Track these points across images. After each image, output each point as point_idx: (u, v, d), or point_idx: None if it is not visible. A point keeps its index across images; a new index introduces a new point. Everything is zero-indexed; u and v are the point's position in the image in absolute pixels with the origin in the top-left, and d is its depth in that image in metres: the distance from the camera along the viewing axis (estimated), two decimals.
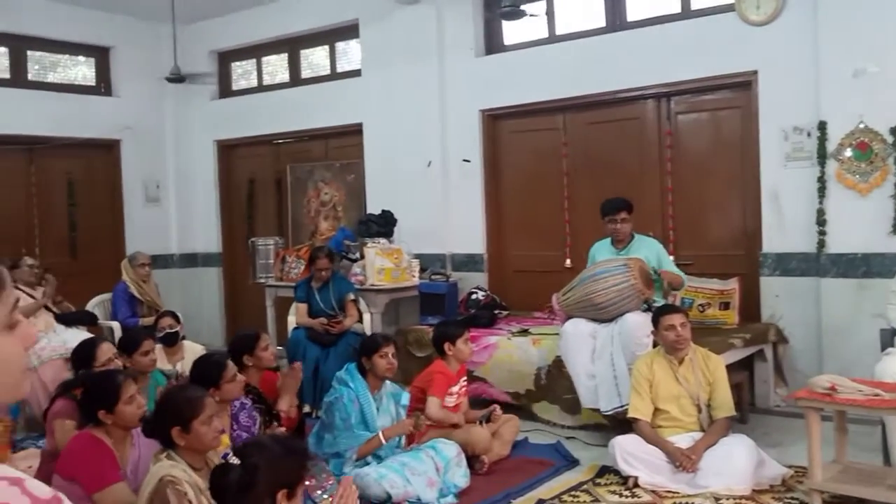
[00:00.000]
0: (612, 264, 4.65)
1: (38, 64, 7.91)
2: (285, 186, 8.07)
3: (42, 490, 0.91)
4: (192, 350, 5.14)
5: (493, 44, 6.72)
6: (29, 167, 7.67)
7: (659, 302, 4.72)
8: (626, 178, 5.96)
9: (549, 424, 5.09)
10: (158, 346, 4.81)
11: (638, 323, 4.46)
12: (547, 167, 6.48)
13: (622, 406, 4.43)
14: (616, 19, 6.13)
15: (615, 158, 6.13)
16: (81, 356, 3.87)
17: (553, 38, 6.40)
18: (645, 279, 4.54)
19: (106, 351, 3.86)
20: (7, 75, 7.63)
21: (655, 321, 4.16)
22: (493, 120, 6.70)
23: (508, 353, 5.31)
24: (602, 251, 4.98)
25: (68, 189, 7.94)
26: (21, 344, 1.05)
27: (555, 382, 5.07)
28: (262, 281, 7.16)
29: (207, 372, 3.51)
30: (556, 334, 5.03)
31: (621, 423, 4.44)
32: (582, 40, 6.18)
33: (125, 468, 3.05)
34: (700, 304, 5.37)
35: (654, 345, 4.33)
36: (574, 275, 5.43)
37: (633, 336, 4.43)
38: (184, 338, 5.25)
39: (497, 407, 4.58)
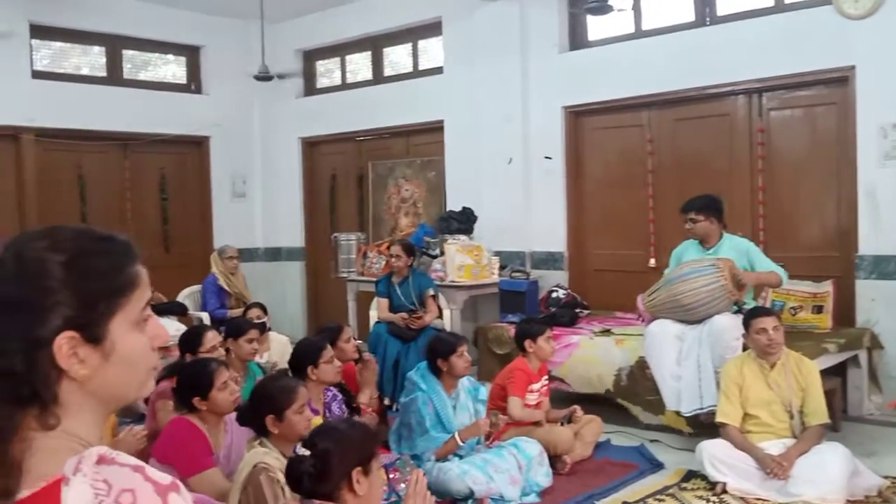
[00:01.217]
0: (701, 264, 4.54)
1: (132, 63, 8.22)
2: (366, 183, 8.18)
3: (161, 476, 0.93)
4: (278, 341, 5.28)
5: (577, 39, 6.65)
6: (123, 162, 7.98)
7: (749, 304, 4.59)
8: (714, 176, 5.81)
9: (632, 423, 5.01)
10: None
11: (727, 325, 4.34)
12: (631, 164, 6.38)
13: (703, 408, 4.34)
14: (706, 13, 5.98)
15: (703, 156, 5.99)
16: (188, 342, 4.03)
17: (640, 34, 6.29)
18: (735, 280, 4.42)
19: (211, 338, 4.00)
20: (104, 73, 7.95)
21: (746, 324, 4.05)
22: (576, 116, 6.63)
23: (590, 352, 5.24)
24: (689, 251, 4.88)
25: (160, 184, 8.23)
26: (150, 343, 1.06)
27: (636, 384, 4.98)
28: (344, 275, 7.28)
29: (308, 351, 3.63)
30: (640, 335, 4.95)
31: (704, 427, 4.34)
32: (670, 35, 6.05)
33: (218, 454, 3.14)
34: (792, 307, 5.20)
35: (744, 348, 4.21)
36: (658, 275, 5.33)
37: (722, 339, 4.32)
38: (270, 329, 5.37)
39: (578, 407, 4.53)
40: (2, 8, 6.96)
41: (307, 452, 2.21)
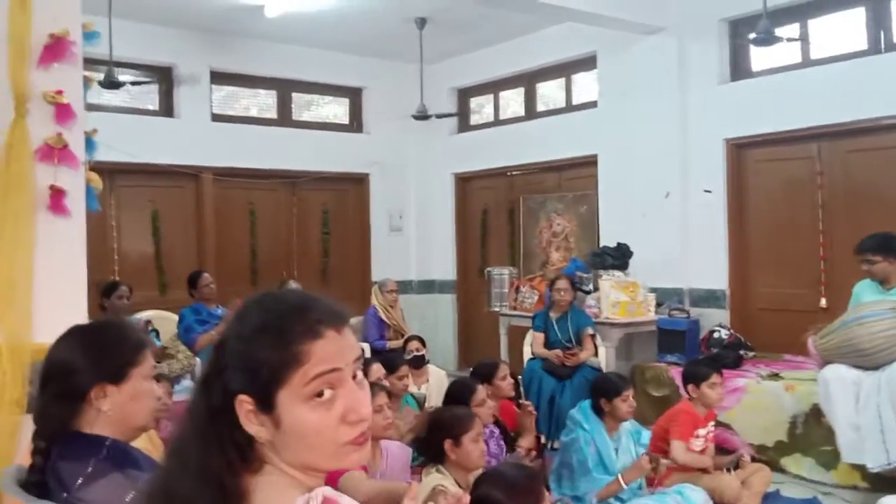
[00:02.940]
0: (881, 307, 4.25)
1: (296, 103, 8.73)
2: (518, 217, 8.24)
3: None
4: (435, 374, 5.38)
5: (739, 70, 6.45)
6: (291, 198, 8.47)
7: None
8: (890, 211, 5.43)
9: (799, 479, 4.72)
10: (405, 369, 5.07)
11: None
12: (799, 199, 6.08)
13: (890, 463, 4.02)
14: (880, 41, 5.65)
15: (878, 190, 5.62)
16: None
17: (807, 63, 6.02)
18: None
19: (375, 371, 4.14)
20: (274, 115, 8.50)
21: None
22: (739, 149, 6.41)
23: (758, 398, 4.99)
24: (867, 291, 4.57)
25: (323, 219, 8.66)
26: (343, 416, 1.08)
27: (812, 433, 4.69)
28: (497, 309, 7.34)
29: (461, 394, 3.68)
30: (813, 380, 4.68)
31: (882, 481, 4.02)
32: (841, 63, 5.75)
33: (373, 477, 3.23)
34: None
35: None
36: (829, 315, 5.05)
37: None
38: (428, 361, 5.49)
39: (745, 454, 4.33)
40: (189, 56, 7.62)
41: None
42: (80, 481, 1.67)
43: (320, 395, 1.06)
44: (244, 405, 1.06)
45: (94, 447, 1.72)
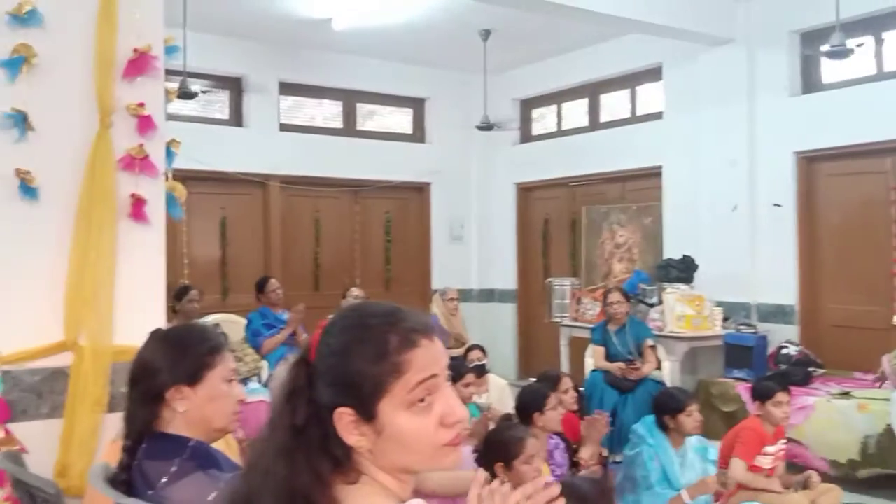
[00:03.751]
0: None
1: (363, 114, 8.85)
2: (579, 228, 8.20)
3: None
4: (495, 383, 5.38)
5: (810, 83, 6.32)
6: (354, 207, 8.59)
7: None
8: None
9: (874, 492, 4.59)
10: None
11: None
12: (872, 213, 5.91)
13: None
14: None
15: None
16: None
17: (882, 75, 5.86)
18: None
19: None
20: (339, 125, 8.65)
21: None
22: (809, 162, 6.27)
23: (828, 416, 4.87)
24: None
25: (385, 227, 8.76)
26: (441, 420, 1.12)
27: (886, 453, 4.56)
28: (558, 320, 7.31)
29: (534, 398, 3.69)
30: (886, 399, 4.55)
31: None
32: None
33: None
34: None
35: None
36: None
37: None
38: (489, 371, 5.50)
39: (814, 473, 4.21)
40: (259, 68, 7.82)
41: None
42: (164, 480, 1.73)
43: (421, 401, 1.10)
44: (344, 417, 1.10)
45: (178, 447, 1.79)
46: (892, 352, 4.53)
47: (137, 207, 3.13)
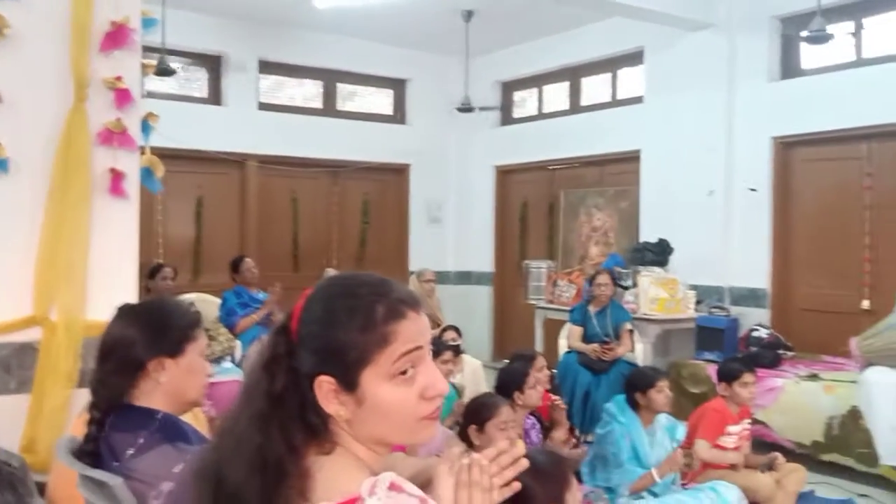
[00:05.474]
0: None
1: (343, 95, 8.81)
2: (557, 211, 8.23)
3: None
4: (470, 364, 5.41)
5: (789, 68, 6.37)
6: (333, 188, 8.56)
7: None
8: None
9: (838, 475, 4.68)
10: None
11: None
12: (846, 199, 5.99)
13: None
14: None
15: None
16: None
17: (861, 62, 5.91)
18: None
19: None
20: (319, 105, 8.60)
21: None
22: (786, 148, 6.33)
23: (795, 398, 4.96)
24: None
25: (363, 208, 8.75)
26: (422, 392, 1.12)
27: (849, 435, 4.65)
28: (534, 302, 7.35)
29: (514, 377, 3.74)
30: (852, 381, 4.63)
31: None
32: (893, 63, 5.64)
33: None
34: None
35: None
36: (872, 318, 5.02)
37: None
38: (464, 351, 5.53)
39: (779, 455, 4.29)
40: (239, 46, 7.75)
41: None
42: (131, 451, 1.74)
43: (403, 373, 1.11)
44: (325, 385, 1.09)
45: (146, 419, 1.80)
46: (861, 334, 4.61)
47: (116, 182, 3.11)
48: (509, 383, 3.70)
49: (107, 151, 3.07)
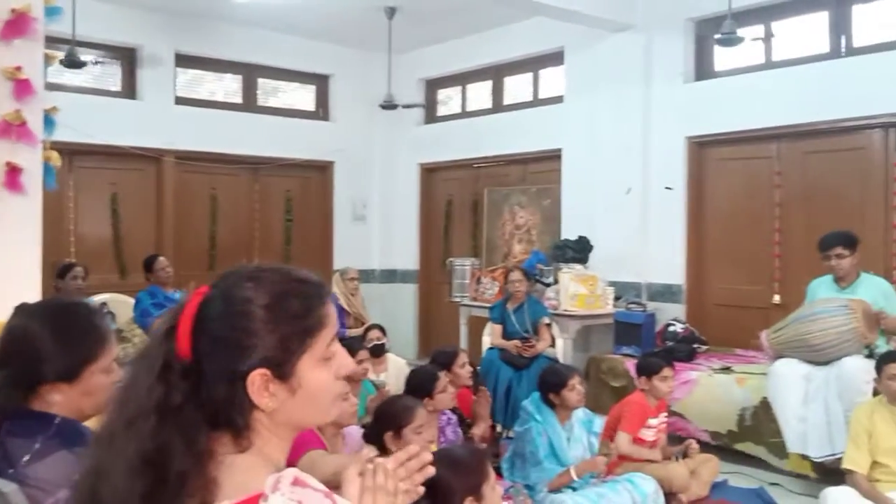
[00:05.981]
0: (833, 304, 4.37)
1: (263, 89, 8.65)
2: (481, 209, 8.28)
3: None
4: (394, 362, 5.40)
5: (703, 70, 6.56)
6: (254, 185, 8.40)
7: (882, 348, 4.37)
8: (846, 211, 5.58)
9: (751, 464, 4.85)
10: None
11: (858, 368, 4.16)
12: (757, 197, 6.21)
13: (834, 454, 4.15)
14: (841, 45, 5.78)
15: (834, 191, 5.76)
16: None
17: (770, 64, 6.14)
18: (868, 322, 4.23)
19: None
20: (239, 100, 8.42)
21: (878, 368, 3.85)
22: (700, 147, 6.52)
23: (709, 390, 5.11)
24: (823, 289, 4.70)
25: (286, 206, 8.61)
26: (337, 371, 1.13)
27: (760, 425, 4.82)
28: (458, 300, 7.38)
29: (422, 382, 3.70)
30: (763, 374, 4.80)
31: (829, 473, 4.16)
32: (802, 66, 5.88)
33: None
34: None
35: (875, 393, 4.01)
36: (782, 312, 5.19)
37: (852, 382, 4.14)
38: (388, 350, 5.51)
39: (693, 442, 4.41)
40: (153, 38, 7.51)
41: None
42: (26, 458, 1.66)
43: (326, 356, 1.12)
44: (258, 380, 1.05)
45: (43, 424, 1.71)
46: (771, 327, 4.78)
47: (12, 177, 2.97)
48: (418, 388, 3.66)
49: (3, 144, 2.93)
